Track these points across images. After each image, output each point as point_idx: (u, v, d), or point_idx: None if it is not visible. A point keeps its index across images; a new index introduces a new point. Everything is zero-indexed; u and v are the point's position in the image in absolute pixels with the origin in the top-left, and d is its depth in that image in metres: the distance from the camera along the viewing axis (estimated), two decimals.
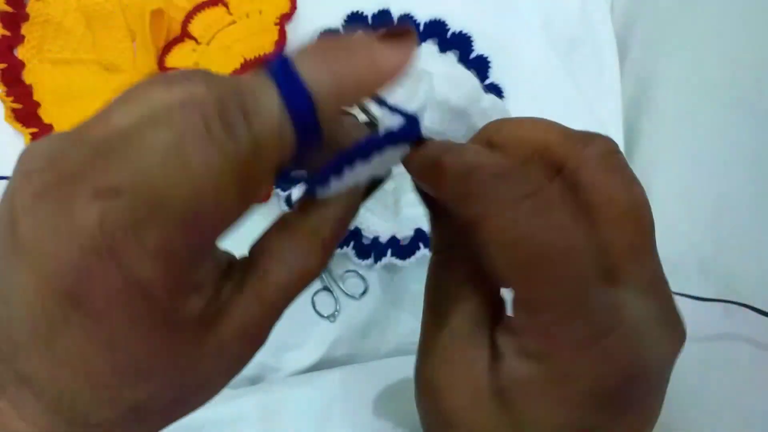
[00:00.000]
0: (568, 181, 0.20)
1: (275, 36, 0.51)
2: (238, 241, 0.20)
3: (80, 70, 0.51)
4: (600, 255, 0.19)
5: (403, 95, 0.22)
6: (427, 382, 0.22)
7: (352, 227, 0.51)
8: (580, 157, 0.20)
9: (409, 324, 0.54)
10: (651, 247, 0.20)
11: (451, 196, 0.20)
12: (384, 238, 0.51)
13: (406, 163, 0.22)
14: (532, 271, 0.19)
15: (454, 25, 0.52)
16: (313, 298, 0.52)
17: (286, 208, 0.48)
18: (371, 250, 0.51)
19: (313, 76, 0.17)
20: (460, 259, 0.23)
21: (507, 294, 0.21)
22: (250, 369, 0.50)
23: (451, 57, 0.51)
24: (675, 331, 0.20)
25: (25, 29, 0.51)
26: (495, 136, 0.22)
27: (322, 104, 0.17)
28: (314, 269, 0.20)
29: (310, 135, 0.18)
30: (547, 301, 0.19)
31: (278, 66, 0.18)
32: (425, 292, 0.24)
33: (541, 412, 0.19)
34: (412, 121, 0.21)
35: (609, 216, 0.19)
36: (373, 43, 0.18)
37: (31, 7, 0.51)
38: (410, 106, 0.22)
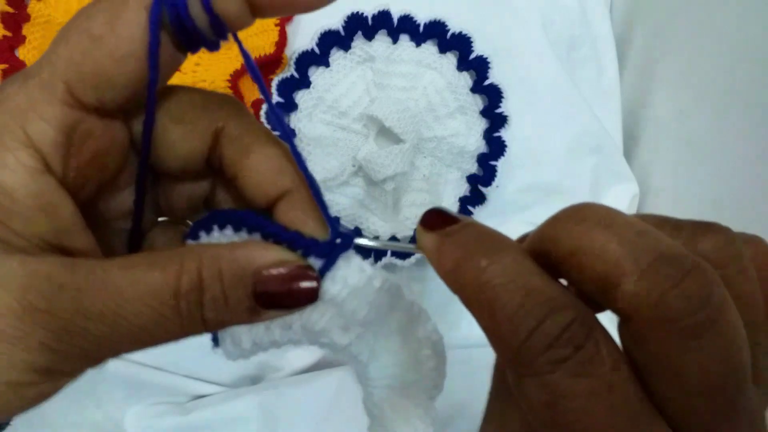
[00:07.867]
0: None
1: (275, 37, 0.51)
2: None
3: None
4: None
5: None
6: None
7: (352, 226, 0.51)
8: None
9: None
10: None
11: None
12: (384, 238, 0.51)
13: None
14: None
15: (454, 26, 0.52)
16: None
17: None
18: (371, 249, 0.51)
19: None
20: None
21: None
22: (250, 368, 0.51)
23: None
24: None
25: (26, 30, 0.52)
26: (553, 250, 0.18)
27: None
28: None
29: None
30: None
31: None
32: None
33: None
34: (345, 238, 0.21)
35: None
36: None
37: (32, 8, 0.52)
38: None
